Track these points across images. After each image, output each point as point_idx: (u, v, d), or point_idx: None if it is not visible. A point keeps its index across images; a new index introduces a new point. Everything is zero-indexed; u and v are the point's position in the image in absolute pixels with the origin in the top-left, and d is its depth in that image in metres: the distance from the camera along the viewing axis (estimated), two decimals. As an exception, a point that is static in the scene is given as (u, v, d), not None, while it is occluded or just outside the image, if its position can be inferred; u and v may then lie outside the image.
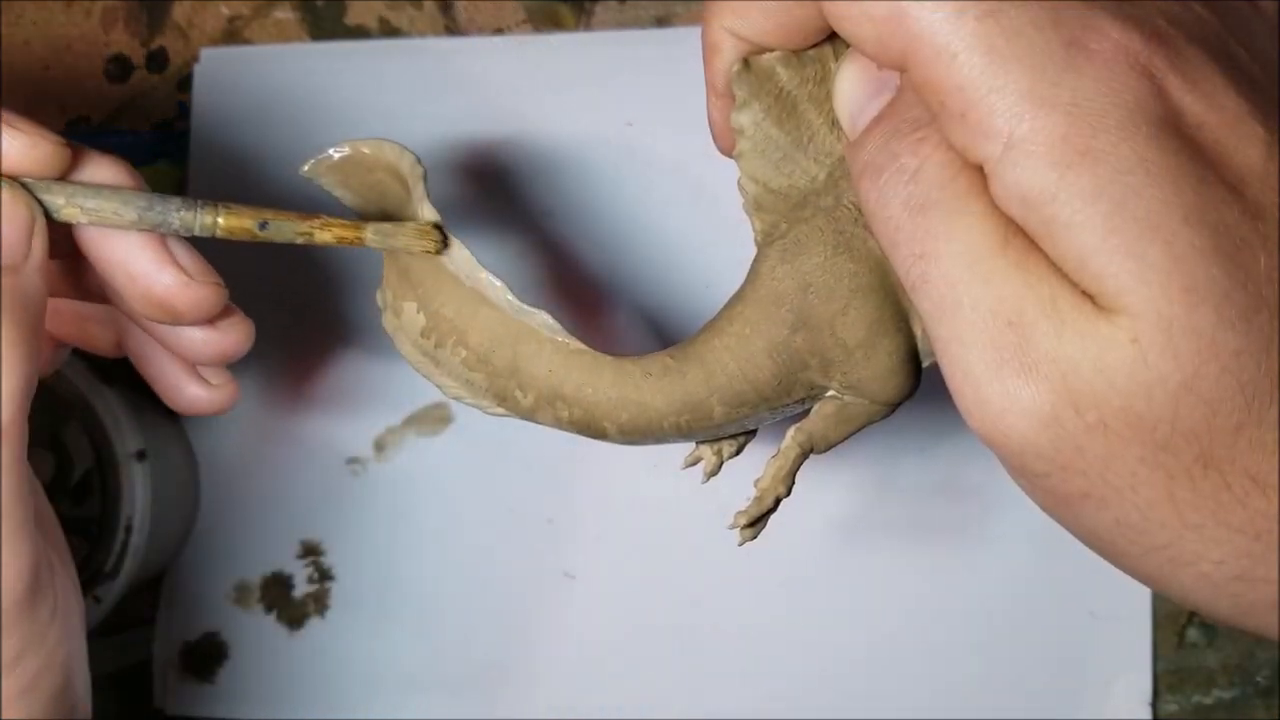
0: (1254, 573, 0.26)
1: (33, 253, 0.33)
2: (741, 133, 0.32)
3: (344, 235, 0.35)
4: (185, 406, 0.40)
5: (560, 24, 0.60)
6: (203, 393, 0.40)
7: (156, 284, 0.35)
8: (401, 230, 0.35)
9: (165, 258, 0.35)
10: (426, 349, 0.36)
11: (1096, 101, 0.25)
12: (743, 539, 0.35)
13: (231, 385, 0.41)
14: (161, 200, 0.34)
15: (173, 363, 0.40)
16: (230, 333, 0.38)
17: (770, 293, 0.32)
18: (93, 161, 0.35)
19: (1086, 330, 0.25)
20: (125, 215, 0.34)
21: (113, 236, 0.35)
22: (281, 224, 0.35)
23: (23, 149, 0.33)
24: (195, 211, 0.34)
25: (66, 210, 0.34)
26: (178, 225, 0.34)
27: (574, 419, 0.35)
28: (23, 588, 0.32)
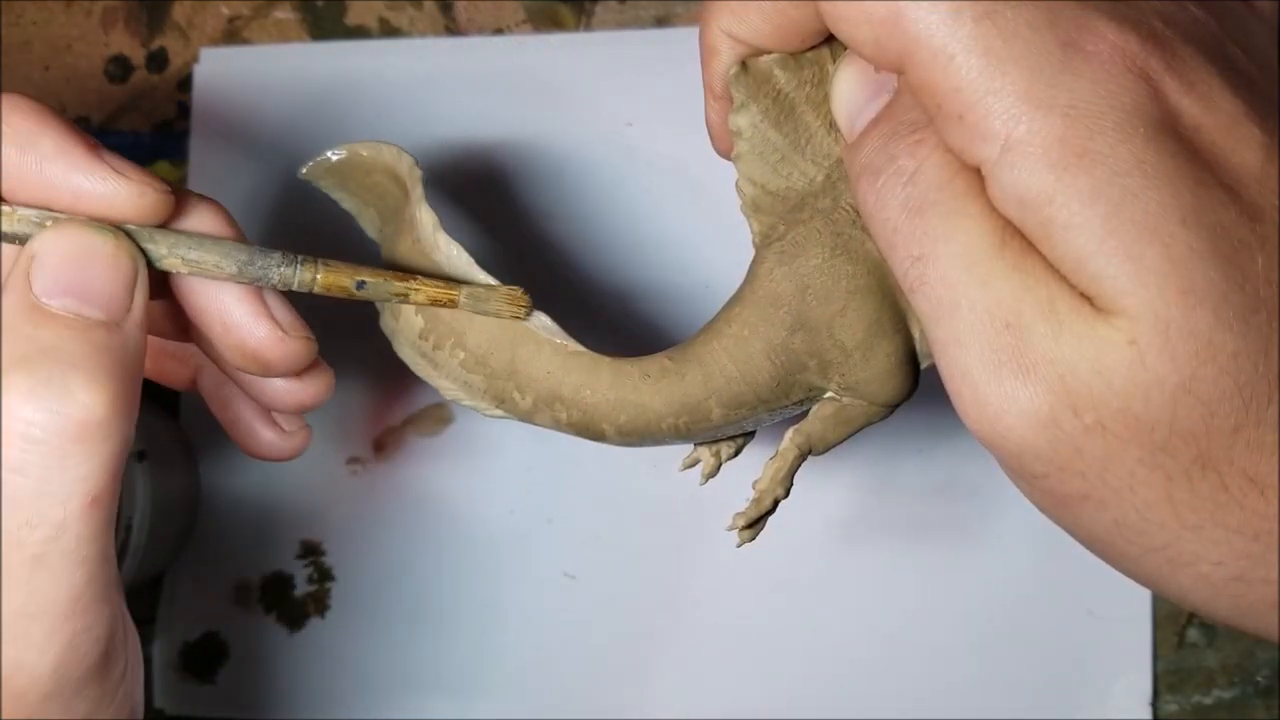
0: (1252, 573, 0.26)
1: (134, 308, 0.32)
2: (739, 135, 0.32)
3: (438, 297, 0.35)
4: (258, 451, 0.40)
5: (560, 24, 0.60)
6: (277, 439, 0.40)
7: (251, 337, 0.34)
8: (494, 295, 0.35)
9: (261, 311, 0.35)
10: (425, 351, 0.36)
11: (1094, 103, 0.25)
12: (741, 540, 0.35)
13: (306, 432, 0.40)
14: (262, 255, 0.34)
15: (250, 408, 0.39)
16: (313, 384, 0.38)
17: (768, 294, 0.32)
18: (194, 208, 0.34)
19: (1084, 332, 0.25)
20: (225, 268, 0.33)
21: (210, 285, 0.34)
22: (378, 284, 0.35)
23: (130, 197, 0.32)
24: (295, 267, 0.34)
25: (168, 260, 0.33)
26: (276, 280, 0.34)
27: (572, 421, 0.35)
28: (99, 653, 0.31)
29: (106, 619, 0.31)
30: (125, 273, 0.32)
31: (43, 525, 0.29)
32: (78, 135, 0.32)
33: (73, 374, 0.29)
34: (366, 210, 0.39)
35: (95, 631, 0.31)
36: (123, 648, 0.33)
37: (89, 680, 0.31)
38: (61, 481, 0.29)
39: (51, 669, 0.30)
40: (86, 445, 0.29)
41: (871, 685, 0.57)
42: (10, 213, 0.31)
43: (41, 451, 0.29)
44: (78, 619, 0.30)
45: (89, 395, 0.29)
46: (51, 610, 0.30)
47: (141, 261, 0.32)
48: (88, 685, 0.31)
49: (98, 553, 0.30)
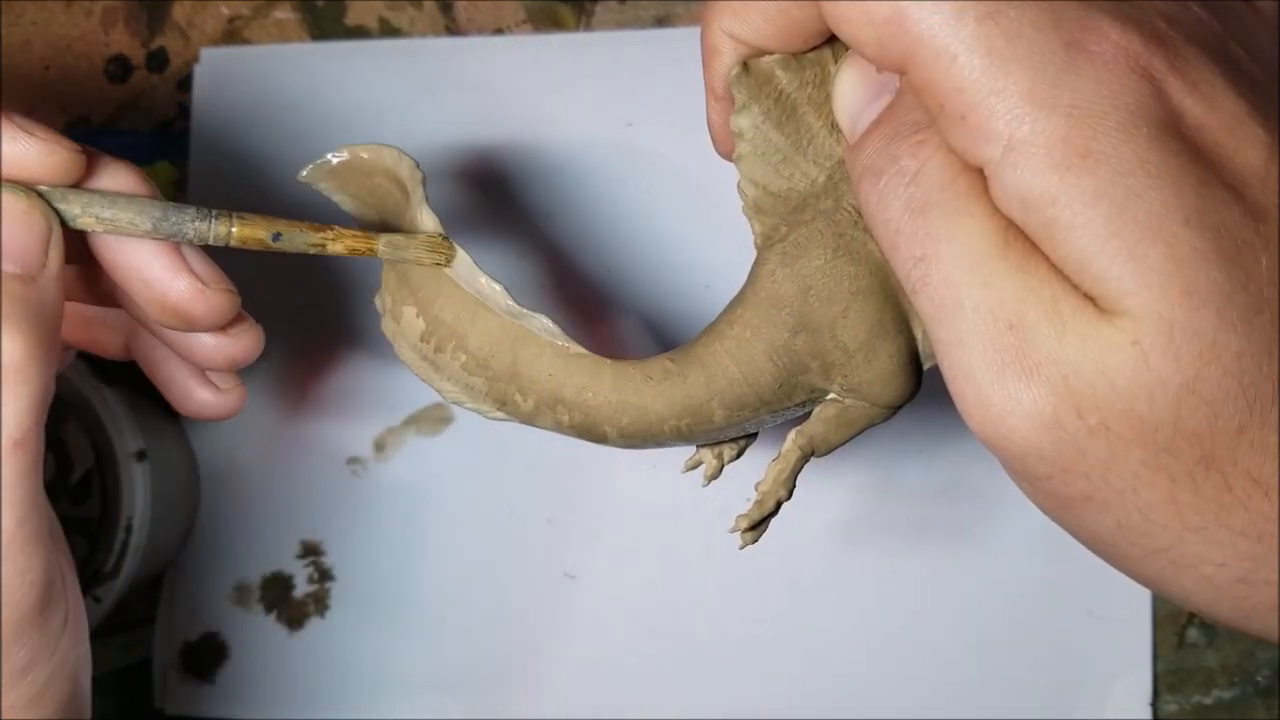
0: (1256, 575, 0.26)
1: (49, 262, 0.33)
2: (741, 136, 0.32)
3: (356, 247, 0.35)
4: (194, 411, 0.40)
5: (560, 24, 0.60)
6: (212, 397, 0.40)
7: (171, 291, 0.35)
8: (413, 242, 0.35)
9: (180, 265, 0.35)
10: (426, 353, 0.36)
11: (1097, 103, 0.25)
12: (744, 542, 0.35)
13: (240, 389, 0.41)
14: (176, 210, 0.34)
15: (182, 368, 0.40)
16: (241, 339, 0.38)
17: (770, 296, 0.32)
18: (107, 168, 0.34)
19: (1088, 333, 0.25)
20: (140, 225, 0.34)
21: (127, 243, 0.35)
22: (294, 235, 0.35)
23: (39, 156, 0.32)
24: (209, 221, 0.34)
25: (82, 219, 0.33)
26: (192, 235, 0.34)
27: (574, 423, 0.35)
28: (35, 597, 0.32)
29: (40, 563, 0.32)
30: (39, 230, 0.32)
31: None
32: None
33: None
34: (367, 213, 0.39)
35: (29, 576, 0.31)
36: (62, 597, 0.33)
37: (26, 627, 0.32)
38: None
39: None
40: (6, 391, 0.30)
41: (872, 685, 0.57)
42: None
43: None
44: (10, 563, 0.31)
45: (5, 343, 0.31)
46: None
47: (55, 220, 0.33)
48: (25, 632, 0.32)
49: (25, 496, 0.31)
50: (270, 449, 0.61)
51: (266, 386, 0.61)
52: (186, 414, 0.40)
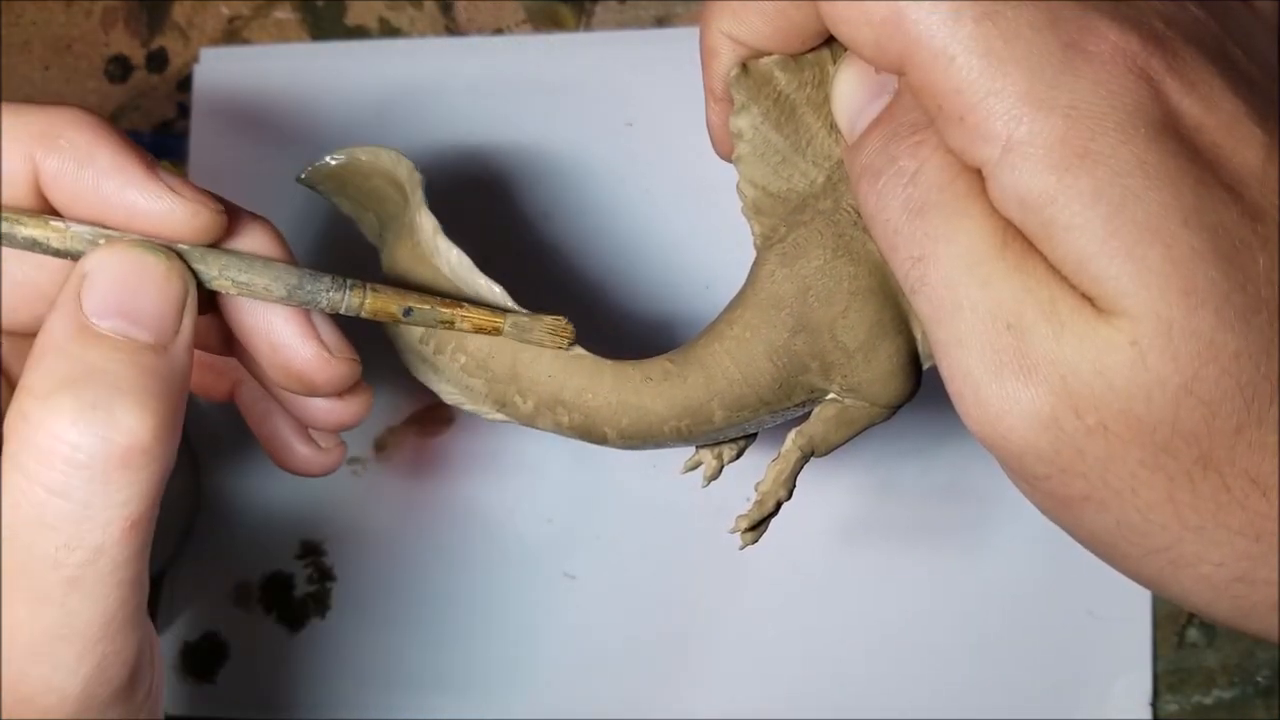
0: (1254, 574, 0.26)
1: (183, 330, 0.31)
2: (740, 137, 0.32)
3: (483, 326, 0.35)
4: (294, 466, 0.40)
5: (560, 24, 0.60)
6: (313, 455, 0.40)
7: (297, 357, 0.34)
8: (538, 324, 0.35)
9: (309, 332, 0.34)
10: (425, 355, 0.36)
11: (1095, 104, 0.25)
12: (745, 542, 0.35)
13: (341, 449, 0.40)
14: (312, 279, 0.33)
15: (288, 424, 0.39)
16: (354, 404, 0.38)
17: (770, 296, 0.32)
18: (246, 228, 0.33)
19: (1086, 333, 0.25)
20: (275, 291, 0.33)
21: (259, 306, 0.34)
22: (425, 311, 0.35)
23: (185, 217, 0.31)
24: (344, 292, 0.34)
25: (218, 282, 0.32)
26: (325, 304, 0.34)
27: (574, 424, 0.35)
28: (127, 675, 0.31)
29: (135, 642, 0.31)
30: (175, 295, 0.31)
31: (81, 548, 0.29)
32: (135, 151, 0.31)
33: (119, 398, 0.29)
34: (365, 215, 0.39)
35: (125, 654, 0.31)
36: (149, 668, 0.33)
37: (115, 701, 0.31)
38: (102, 506, 0.29)
39: (80, 691, 0.30)
40: (129, 471, 0.29)
41: (872, 685, 0.57)
42: (64, 229, 0.31)
43: (84, 476, 0.28)
44: (108, 642, 0.30)
45: (135, 420, 0.29)
46: (84, 633, 0.29)
47: (192, 283, 0.32)
48: (113, 706, 0.31)
49: (133, 577, 0.30)
50: (270, 449, 0.61)
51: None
52: (283, 468, 0.40)
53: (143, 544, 0.30)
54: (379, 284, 0.34)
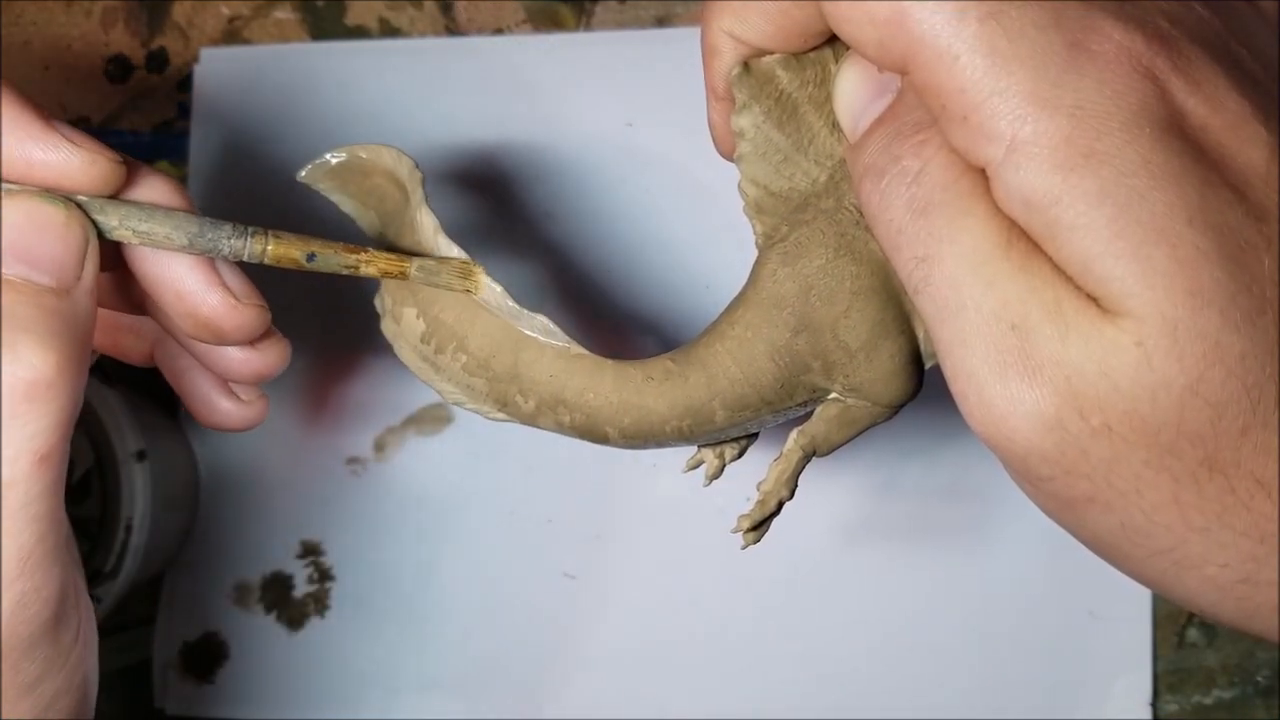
0: (1259, 576, 0.26)
1: (84, 275, 0.32)
2: (742, 136, 0.32)
3: (389, 270, 0.35)
4: (216, 422, 0.40)
5: (560, 24, 0.60)
6: (235, 409, 0.40)
7: (203, 305, 0.35)
8: (444, 267, 0.35)
9: (214, 279, 0.35)
10: (426, 354, 0.36)
11: (1100, 103, 0.25)
12: (746, 542, 0.35)
13: (262, 401, 0.41)
14: (213, 226, 0.34)
15: (207, 379, 0.40)
16: (268, 353, 0.38)
17: (771, 295, 0.32)
18: (145, 179, 0.34)
19: (1091, 333, 0.25)
20: (176, 239, 0.34)
21: (162, 256, 0.34)
22: (329, 256, 0.35)
23: (81, 166, 0.32)
24: (245, 239, 0.34)
25: (119, 231, 0.33)
26: (227, 251, 0.34)
27: (575, 424, 0.35)
28: (50, 613, 0.31)
29: (57, 579, 0.31)
30: (76, 242, 0.32)
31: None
32: (30, 106, 0.32)
33: (22, 337, 0.30)
34: (366, 213, 0.39)
35: (45, 592, 0.31)
36: (75, 611, 0.33)
37: (39, 641, 0.32)
38: (9, 440, 0.30)
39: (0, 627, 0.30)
40: (35, 405, 0.30)
41: (872, 685, 0.57)
42: None
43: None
44: (27, 579, 0.31)
45: (38, 357, 0.30)
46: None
47: (92, 232, 0.33)
48: (38, 646, 0.32)
49: (47, 512, 0.31)
50: (270, 449, 0.61)
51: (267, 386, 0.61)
52: (207, 425, 0.40)
53: (55, 480, 0.31)
54: (281, 231, 0.35)
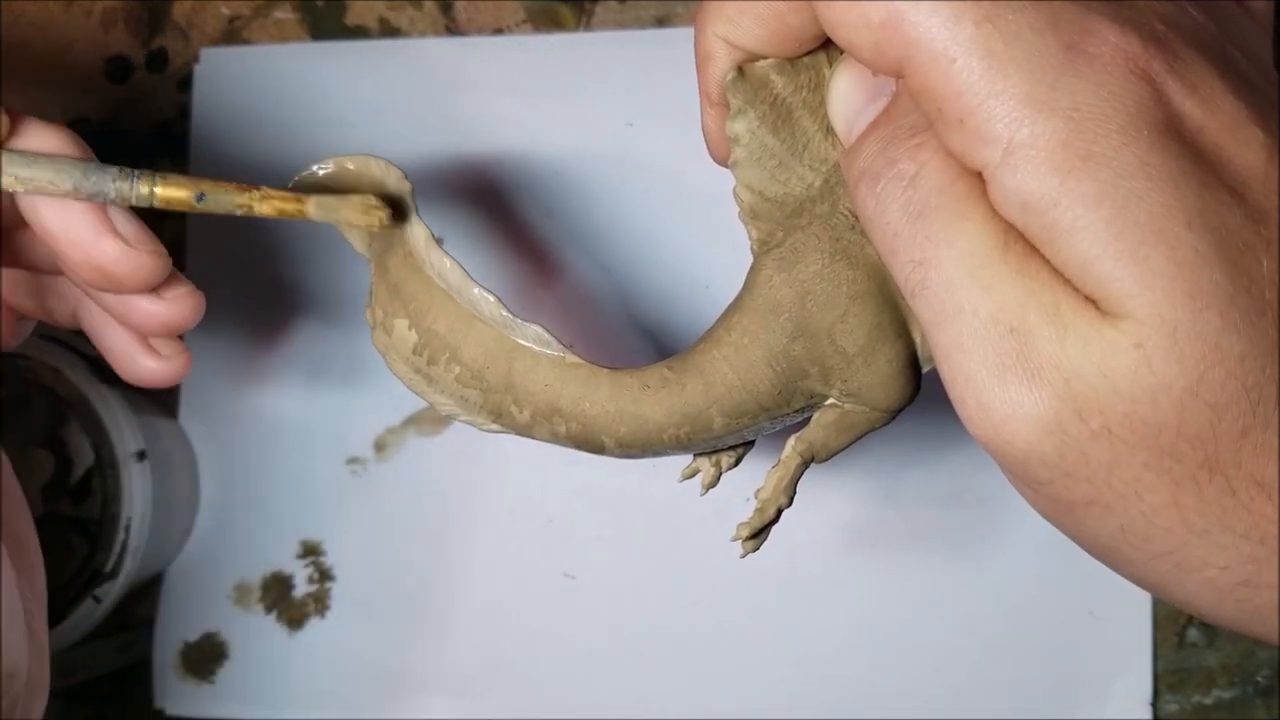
0: (1259, 578, 0.26)
1: None
2: (737, 141, 0.31)
3: (285, 208, 0.35)
4: (138, 378, 0.40)
5: (560, 24, 0.60)
6: (155, 364, 0.40)
7: (95, 251, 0.35)
8: (345, 204, 0.35)
9: (104, 225, 0.35)
10: (419, 366, 0.36)
11: (1097, 106, 0.25)
12: (746, 551, 0.35)
13: (183, 356, 0.41)
14: (98, 170, 0.34)
15: (123, 334, 0.40)
16: (178, 304, 0.38)
17: (768, 301, 0.32)
18: (32, 129, 0.35)
19: (1090, 336, 0.25)
20: (60, 184, 0.34)
21: (53, 205, 0.35)
22: (220, 195, 0.35)
23: None
24: (132, 181, 0.34)
25: (3, 180, 0.33)
26: (114, 195, 0.34)
27: (572, 434, 0.34)
28: None
29: None
30: None
31: None
32: None
33: None
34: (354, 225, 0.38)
35: None
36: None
37: None
38: None
39: None
40: None
41: (872, 685, 0.57)
42: None
43: None
44: None
45: None
46: None
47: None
48: None
49: None
50: (270, 449, 0.61)
51: (266, 386, 0.61)
52: (131, 381, 0.40)
53: None
54: (170, 173, 0.35)
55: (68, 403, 0.55)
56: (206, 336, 0.61)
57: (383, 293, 0.37)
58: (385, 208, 0.35)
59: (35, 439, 0.55)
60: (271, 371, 0.61)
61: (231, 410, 0.61)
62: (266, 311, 0.61)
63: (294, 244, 0.61)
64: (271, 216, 0.35)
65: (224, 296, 0.61)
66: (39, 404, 0.55)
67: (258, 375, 0.61)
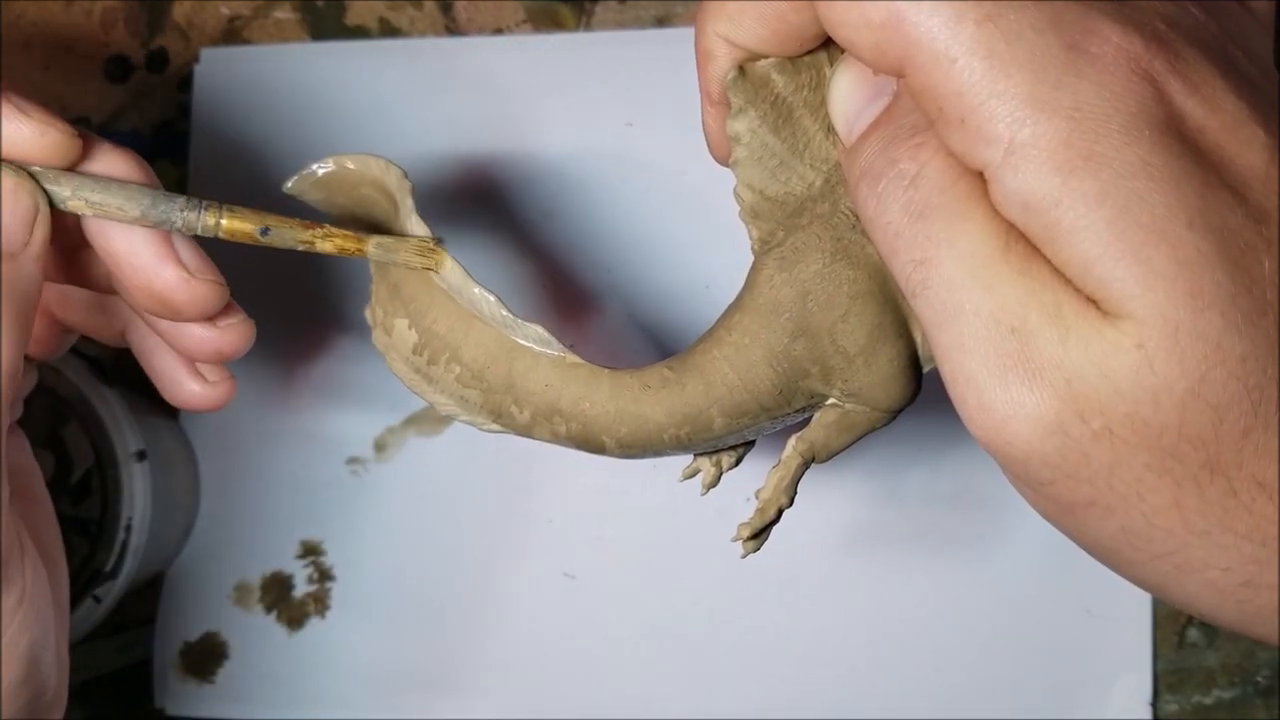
0: (1260, 579, 0.26)
1: (33, 242, 0.33)
2: (737, 140, 0.31)
3: (346, 246, 0.35)
4: (183, 402, 0.41)
5: (560, 24, 0.60)
6: (200, 389, 0.40)
7: (157, 279, 0.35)
8: (403, 245, 0.35)
9: (168, 253, 0.35)
10: (419, 366, 0.36)
11: (1099, 106, 0.25)
12: (746, 551, 0.35)
13: (229, 383, 0.41)
14: (167, 199, 0.34)
15: (172, 358, 0.40)
16: (230, 332, 0.38)
17: (769, 301, 0.32)
18: (103, 154, 0.35)
19: (1091, 336, 0.25)
20: (129, 211, 0.34)
21: (119, 229, 0.35)
22: (284, 231, 0.35)
23: (32, 136, 0.33)
24: (199, 212, 0.35)
25: (72, 202, 0.34)
26: (180, 224, 0.35)
27: (572, 434, 0.34)
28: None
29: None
30: (24, 209, 0.33)
31: None
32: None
33: None
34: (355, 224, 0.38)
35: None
36: (18, 574, 0.34)
37: None
38: None
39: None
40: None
41: (872, 685, 0.57)
42: None
43: None
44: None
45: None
46: None
47: (43, 200, 0.34)
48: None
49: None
50: (270, 449, 0.61)
51: (266, 386, 0.61)
52: (175, 404, 0.41)
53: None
54: (236, 205, 0.35)
55: (68, 403, 0.55)
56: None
57: (383, 292, 0.37)
58: (443, 250, 0.35)
59: (35, 439, 0.55)
60: (272, 371, 0.61)
61: (231, 410, 0.61)
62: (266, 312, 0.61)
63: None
64: (332, 254, 0.36)
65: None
66: (39, 404, 0.55)
67: (258, 375, 0.61)
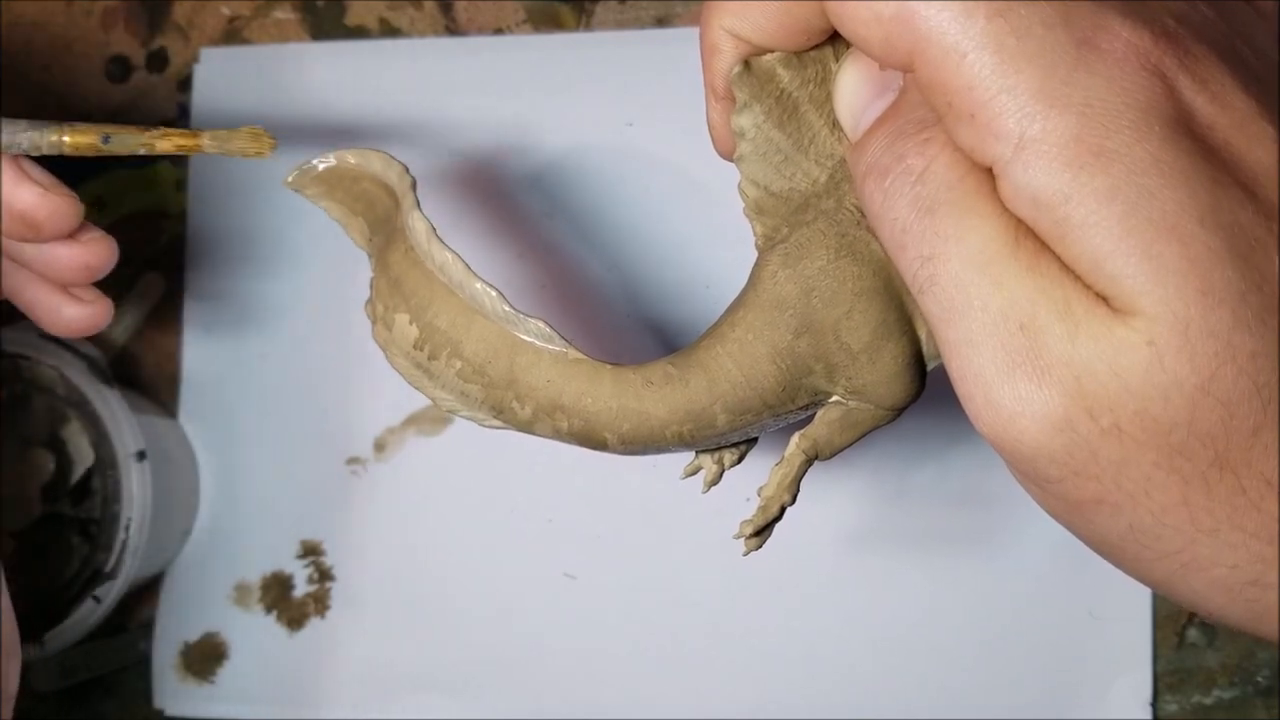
0: (1268, 577, 0.25)
1: None
2: (742, 135, 0.31)
3: (182, 144, 0.38)
4: (64, 328, 0.42)
5: (560, 24, 0.60)
6: (78, 311, 0.42)
7: (17, 199, 0.37)
8: (236, 136, 0.38)
9: (21, 175, 0.37)
10: (420, 361, 0.36)
11: (1109, 101, 0.24)
12: (748, 549, 0.35)
13: (104, 301, 0.42)
14: (9, 123, 0.36)
15: (45, 287, 0.41)
16: (94, 245, 0.40)
17: (773, 297, 0.32)
18: None
19: (1101, 333, 0.25)
20: None
21: None
22: (124, 137, 0.37)
23: None
24: (41, 130, 0.37)
25: None
26: (26, 145, 0.36)
27: (574, 430, 0.34)
28: None
29: None
30: None
31: None
32: None
33: None
34: (354, 220, 0.38)
35: None
36: None
37: None
38: None
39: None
40: None
41: (872, 685, 0.57)
42: None
43: None
44: None
45: None
46: None
47: None
48: None
49: None
50: (270, 449, 0.61)
51: (266, 386, 0.61)
52: (58, 332, 0.42)
53: None
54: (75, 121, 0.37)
55: (68, 403, 0.55)
56: (206, 336, 0.61)
57: (384, 287, 0.36)
58: (273, 137, 0.38)
59: (35, 439, 0.55)
60: (271, 371, 0.61)
61: (231, 410, 0.61)
62: (266, 311, 0.61)
63: (294, 243, 0.61)
64: (171, 153, 0.38)
65: (224, 296, 0.61)
66: (39, 404, 0.55)
67: (258, 375, 0.61)
